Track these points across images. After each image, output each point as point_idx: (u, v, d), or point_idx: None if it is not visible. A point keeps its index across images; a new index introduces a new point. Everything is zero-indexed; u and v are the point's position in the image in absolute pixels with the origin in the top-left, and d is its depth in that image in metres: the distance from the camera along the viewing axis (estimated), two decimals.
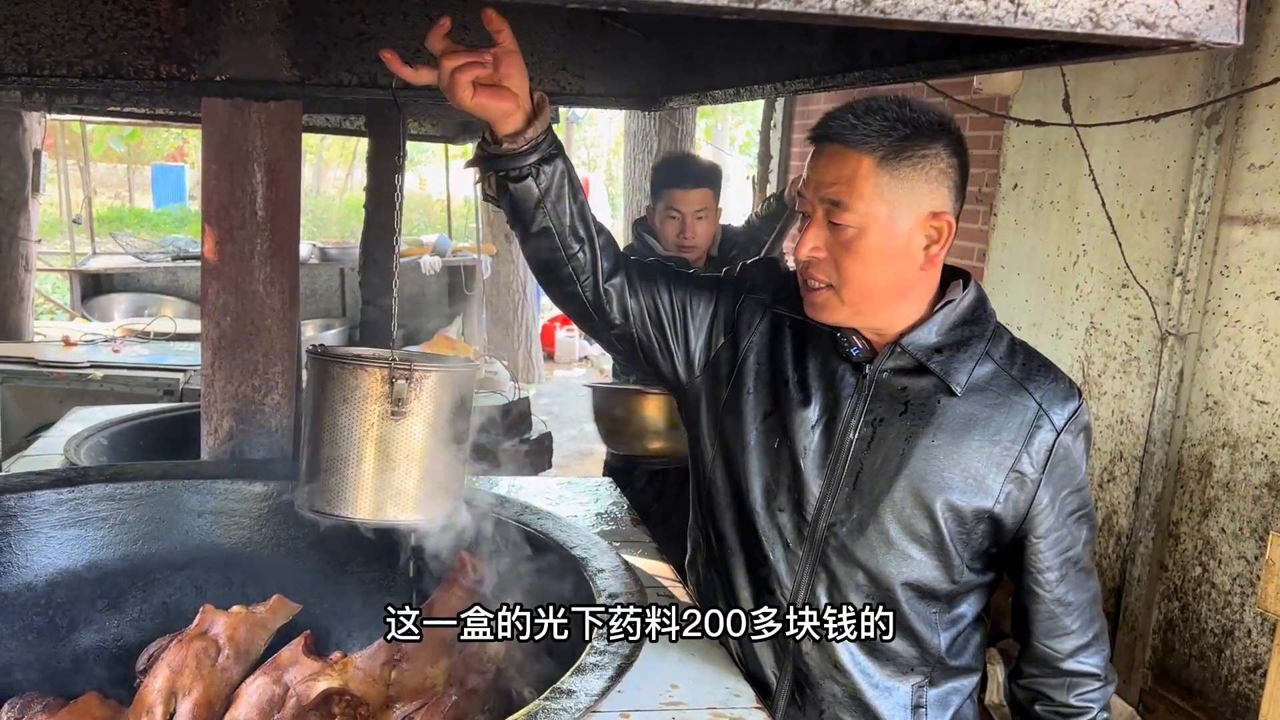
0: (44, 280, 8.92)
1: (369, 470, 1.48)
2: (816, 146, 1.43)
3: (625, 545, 1.93)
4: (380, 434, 1.46)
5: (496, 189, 1.44)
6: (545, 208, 1.43)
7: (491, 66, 1.29)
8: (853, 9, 0.76)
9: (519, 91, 1.33)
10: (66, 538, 1.84)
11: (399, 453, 1.47)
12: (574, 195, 1.45)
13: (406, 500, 1.50)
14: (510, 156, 1.38)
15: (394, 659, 1.71)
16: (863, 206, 1.37)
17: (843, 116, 1.39)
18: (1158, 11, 0.84)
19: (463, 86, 1.28)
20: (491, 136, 1.38)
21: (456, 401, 1.52)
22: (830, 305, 1.44)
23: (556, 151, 1.42)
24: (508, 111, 1.33)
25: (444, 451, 1.51)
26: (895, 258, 1.40)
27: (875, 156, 1.37)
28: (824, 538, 1.49)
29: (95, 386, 4.21)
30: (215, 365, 2.07)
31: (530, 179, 1.40)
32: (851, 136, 1.37)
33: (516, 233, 1.49)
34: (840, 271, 1.40)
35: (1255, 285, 3.11)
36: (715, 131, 16.32)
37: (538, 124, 1.37)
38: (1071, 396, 1.47)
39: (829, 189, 1.39)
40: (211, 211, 2.02)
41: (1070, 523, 1.48)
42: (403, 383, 1.45)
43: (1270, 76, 2.97)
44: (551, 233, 1.45)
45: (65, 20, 1.85)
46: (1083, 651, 1.51)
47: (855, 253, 1.39)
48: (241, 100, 1.96)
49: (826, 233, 1.40)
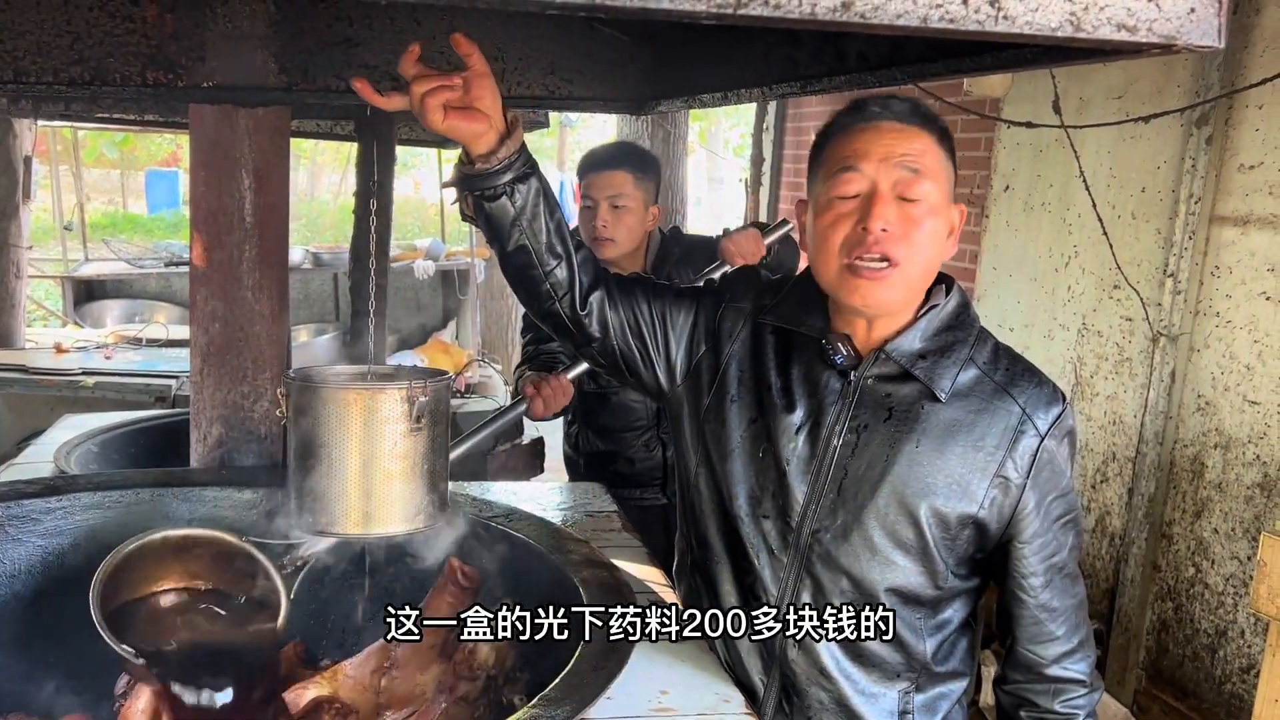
0: (36, 287, 8.89)
1: (356, 487, 1.48)
2: (867, 125, 1.41)
3: (615, 550, 1.93)
4: (360, 451, 1.47)
5: (473, 208, 1.44)
6: (521, 225, 1.43)
7: (462, 89, 1.30)
8: (832, 14, 0.76)
9: (491, 112, 1.33)
10: (54, 546, 1.83)
11: (375, 468, 1.48)
12: (550, 213, 1.45)
13: (393, 513, 1.50)
14: (484, 176, 1.38)
15: (384, 666, 1.71)
16: (932, 181, 1.39)
17: (895, 99, 1.41)
18: (1139, 15, 0.84)
19: (433, 110, 1.29)
20: (466, 156, 1.39)
21: (436, 413, 1.52)
22: (895, 283, 1.40)
23: (531, 170, 1.42)
24: (479, 133, 1.34)
25: (423, 462, 1.51)
26: (942, 240, 1.43)
27: (935, 136, 1.41)
28: (809, 544, 1.48)
29: (87, 393, 4.20)
30: (204, 372, 2.06)
31: (505, 197, 1.40)
32: (914, 118, 1.40)
33: (494, 251, 1.50)
34: (911, 246, 1.39)
35: (1246, 285, 3.12)
36: (709, 135, 16.33)
37: (510, 143, 1.37)
38: (1055, 401, 1.46)
39: (905, 157, 1.38)
40: (200, 218, 2.02)
41: (1056, 528, 1.47)
42: (407, 403, 1.46)
43: (1259, 77, 2.98)
44: (528, 250, 1.46)
45: (51, 27, 1.84)
46: (1068, 658, 1.50)
47: (924, 229, 1.39)
48: (229, 106, 1.96)
49: (895, 208, 1.38)
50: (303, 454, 1.51)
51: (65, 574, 1.82)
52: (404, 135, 3.69)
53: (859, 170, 1.40)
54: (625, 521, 2.16)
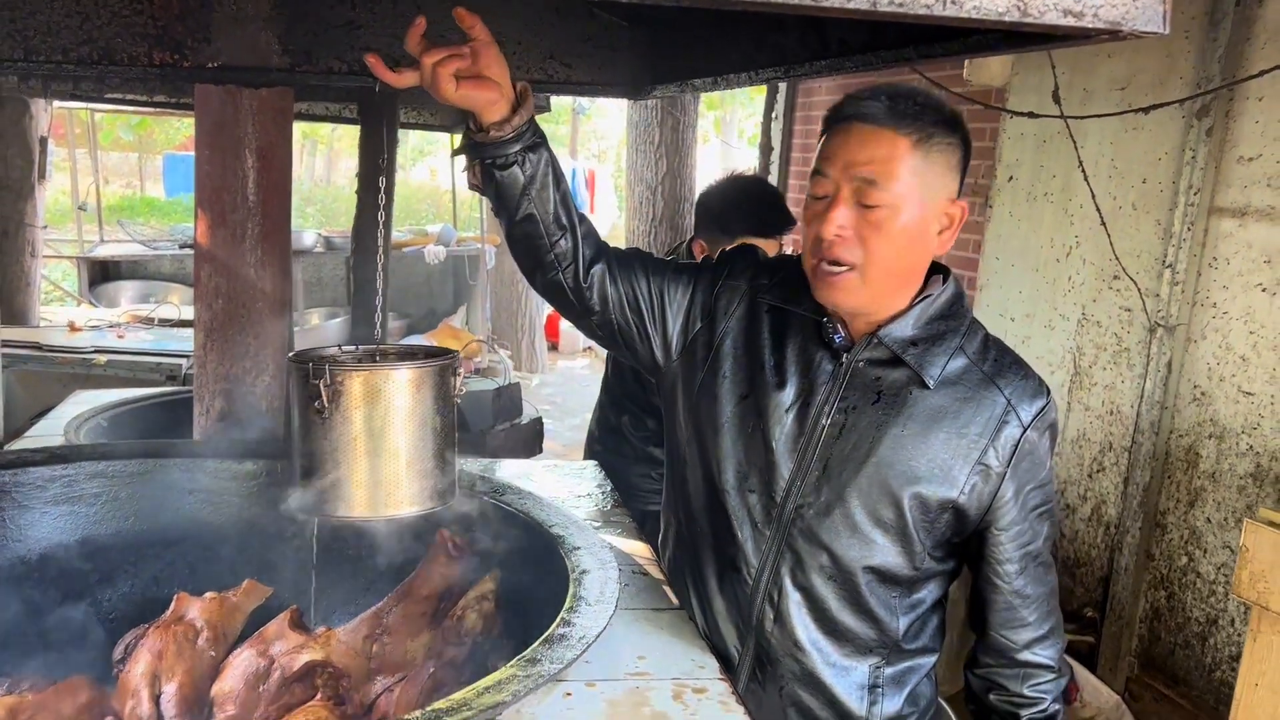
0: (53, 268, 8.99)
1: (358, 470, 1.50)
2: (841, 127, 1.43)
3: (605, 526, 1.97)
4: (361, 432, 1.49)
5: (482, 177, 1.47)
6: (530, 195, 1.46)
7: (470, 59, 1.33)
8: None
9: (501, 81, 1.36)
10: (59, 513, 1.88)
11: (369, 449, 1.50)
12: (557, 184, 1.49)
13: (400, 495, 1.53)
14: (496, 144, 1.41)
15: (375, 633, 1.75)
16: (896, 186, 1.39)
17: (875, 99, 1.41)
18: (1084, 1, 0.87)
19: (445, 80, 1.32)
20: (476, 125, 1.41)
21: (431, 394, 1.55)
22: (851, 287, 1.44)
23: (540, 140, 1.45)
24: (492, 100, 1.37)
25: (420, 441, 1.54)
26: (918, 241, 1.44)
27: (911, 139, 1.40)
28: (791, 519, 1.52)
29: (99, 371, 4.26)
30: (207, 347, 2.11)
31: (516, 166, 1.43)
32: (887, 118, 1.40)
33: (501, 220, 1.52)
34: (868, 252, 1.41)
35: (1243, 277, 3.13)
36: (724, 124, 16.31)
37: (523, 112, 1.41)
38: (1040, 394, 1.50)
39: (863, 167, 1.39)
40: (204, 196, 2.07)
41: (1032, 517, 1.51)
42: (395, 384, 1.48)
43: (1259, 69, 2.99)
44: (535, 219, 1.49)
45: (60, 7, 1.89)
46: (1039, 644, 1.54)
47: (886, 233, 1.40)
48: (233, 87, 2.00)
49: (854, 213, 1.40)
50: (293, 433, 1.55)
51: (69, 540, 1.87)
52: (411, 120, 3.74)
53: (825, 175, 1.44)
54: (618, 498, 2.20)
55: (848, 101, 1.44)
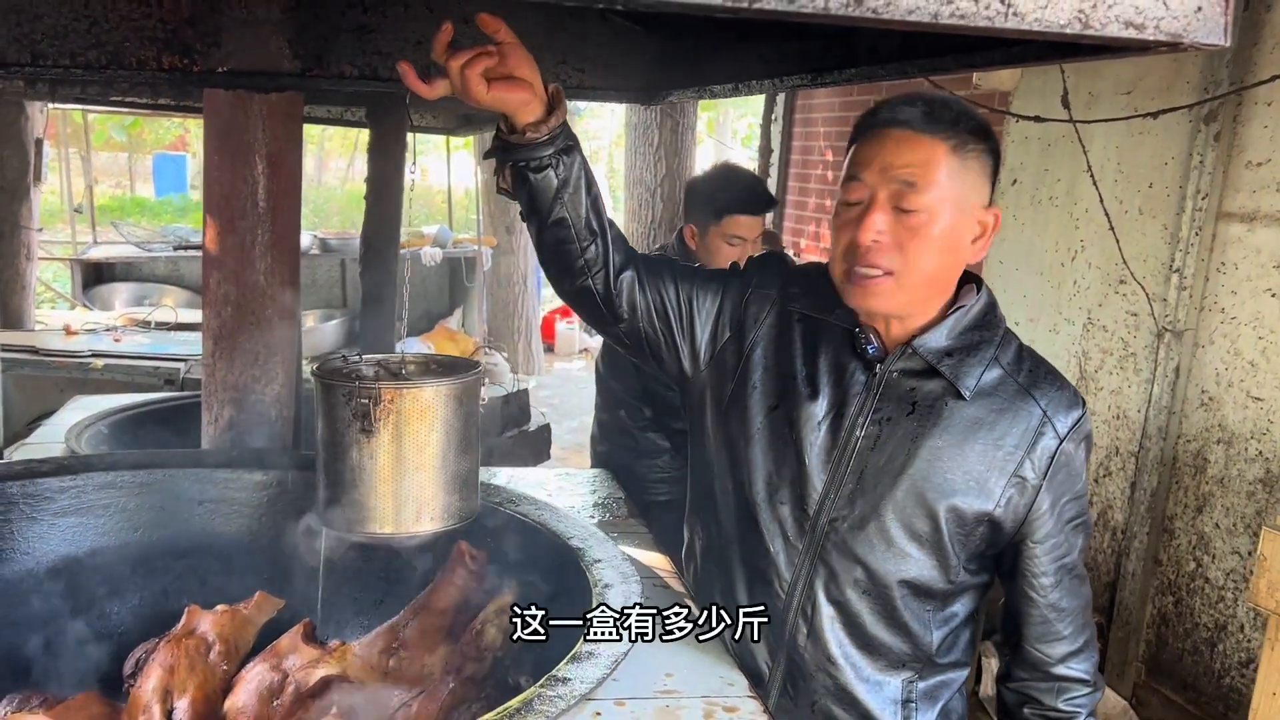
0: (45, 269, 8.92)
1: (390, 485, 1.48)
2: (876, 133, 1.42)
3: (622, 537, 1.95)
4: (394, 449, 1.47)
5: (513, 180, 1.44)
6: (563, 199, 1.43)
7: (499, 59, 1.30)
8: (845, 9, 0.78)
9: (533, 81, 1.33)
10: (68, 525, 1.86)
11: (414, 465, 1.48)
12: (588, 188, 1.46)
13: (433, 509, 1.51)
14: (531, 146, 1.38)
15: (392, 647, 1.73)
16: (935, 191, 1.38)
17: (912, 105, 1.40)
18: (1146, 13, 0.85)
19: (475, 82, 1.28)
20: (509, 127, 1.38)
21: (466, 408, 1.53)
22: (887, 293, 1.41)
23: (574, 143, 1.42)
24: (525, 100, 1.34)
25: (459, 456, 1.52)
26: (953, 247, 1.42)
27: (949, 144, 1.39)
28: (825, 532, 1.50)
29: (96, 375, 4.23)
30: (216, 355, 2.08)
31: (550, 169, 1.40)
32: (924, 124, 1.39)
33: (531, 225, 1.49)
34: (905, 258, 1.39)
35: (1251, 282, 3.13)
36: (717, 125, 16.30)
37: (559, 113, 1.38)
38: (1075, 405, 1.48)
39: (902, 170, 1.38)
40: (213, 202, 2.04)
41: (1068, 529, 1.49)
42: (421, 403, 1.46)
43: (1268, 74, 2.98)
44: (568, 224, 1.46)
45: (68, 11, 1.86)
46: (1074, 657, 1.52)
47: (923, 238, 1.39)
48: (243, 92, 1.97)
49: (891, 218, 1.39)
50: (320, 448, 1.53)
51: (78, 552, 1.85)
52: (415, 122, 3.71)
53: (861, 179, 1.41)
54: (632, 508, 2.17)
55: (883, 108, 1.42)
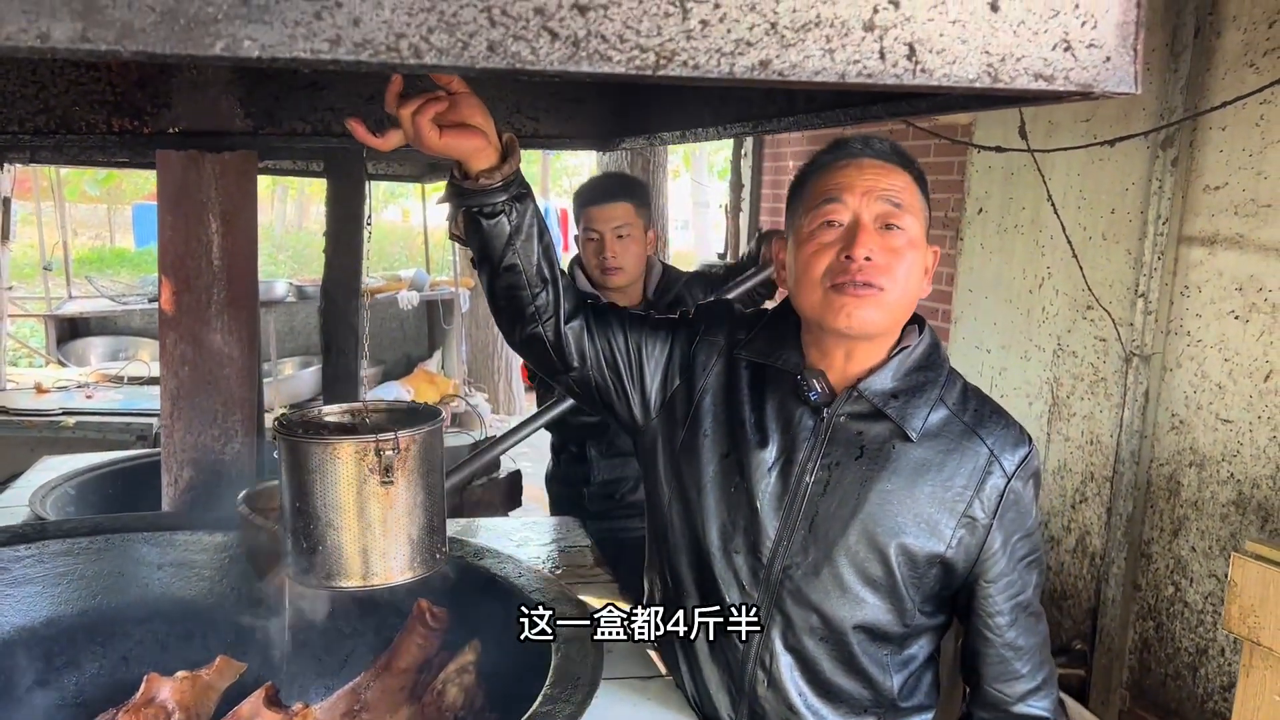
0: (21, 325, 8.87)
1: (358, 539, 1.46)
2: (851, 161, 1.45)
3: (585, 585, 1.93)
4: (363, 503, 1.44)
5: (466, 226, 1.43)
6: (514, 245, 1.42)
7: (449, 106, 1.28)
8: (750, 73, 0.78)
9: (485, 128, 1.32)
10: (24, 595, 1.83)
11: (385, 517, 1.46)
12: (540, 236, 1.45)
13: (401, 560, 1.48)
14: (484, 192, 1.37)
15: (354, 709, 1.70)
16: (912, 216, 1.43)
17: (878, 139, 1.46)
18: (1055, 65, 0.86)
19: (427, 129, 1.26)
20: (462, 173, 1.38)
21: (435, 456, 1.52)
22: (878, 304, 1.41)
23: (527, 191, 1.42)
24: (479, 147, 1.33)
25: (428, 505, 1.50)
26: (919, 274, 1.46)
27: (912, 176, 1.45)
28: (779, 580, 1.49)
29: (67, 434, 4.19)
30: (174, 415, 2.07)
31: (504, 215, 1.40)
32: (894, 157, 1.44)
33: (483, 272, 1.48)
34: (893, 277, 1.41)
35: (1215, 305, 3.15)
36: (693, 159, 16.40)
37: (512, 160, 1.38)
38: (1022, 443, 1.48)
39: (888, 191, 1.41)
40: (168, 262, 2.03)
41: (1021, 567, 1.49)
42: (390, 453, 1.44)
43: (1221, 100, 3.02)
44: (518, 270, 1.45)
45: (15, 77, 1.86)
46: (1033, 695, 1.52)
47: (906, 259, 1.42)
48: (195, 151, 1.97)
49: (878, 238, 1.41)
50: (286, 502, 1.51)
51: (33, 622, 1.82)
52: (380, 170, 3.72)
53: (842, 202, 1.42)
54: (598, 555, 2.16)
55: (854, 140, 1.47)
